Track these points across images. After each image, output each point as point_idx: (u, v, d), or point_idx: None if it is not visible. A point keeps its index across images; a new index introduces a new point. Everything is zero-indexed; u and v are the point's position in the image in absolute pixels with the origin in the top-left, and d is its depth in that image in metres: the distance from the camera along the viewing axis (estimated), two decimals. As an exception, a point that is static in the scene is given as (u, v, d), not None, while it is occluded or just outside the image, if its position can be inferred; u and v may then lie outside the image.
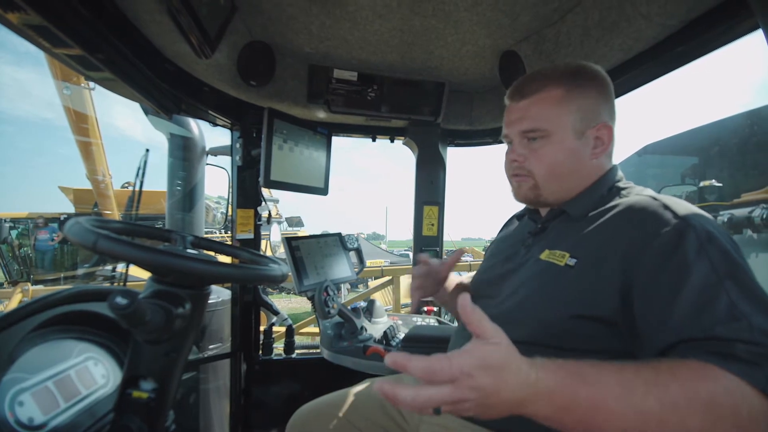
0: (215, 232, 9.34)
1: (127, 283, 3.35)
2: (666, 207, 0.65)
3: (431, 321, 1.62)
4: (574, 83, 0.79)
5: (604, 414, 0.50)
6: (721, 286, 0.55)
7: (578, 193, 0.82)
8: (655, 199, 0.69)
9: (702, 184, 3.90)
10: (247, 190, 1.65)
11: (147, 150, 3.14)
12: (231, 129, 1.64)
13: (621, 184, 0.80)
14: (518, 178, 0.84)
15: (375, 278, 5.74)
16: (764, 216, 3.01)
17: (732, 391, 0.48)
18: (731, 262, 0.57)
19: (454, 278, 1.19)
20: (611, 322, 0.65)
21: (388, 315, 1.65)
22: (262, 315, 1.84)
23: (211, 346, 1.78)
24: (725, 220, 3.32)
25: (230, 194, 1.81)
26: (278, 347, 1.89)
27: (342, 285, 1.66)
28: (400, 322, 1.56)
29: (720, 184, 3.78)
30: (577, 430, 0.52)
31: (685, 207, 0.65)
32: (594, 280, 0.67)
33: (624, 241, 0.66)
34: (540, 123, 0.79)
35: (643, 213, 0.67)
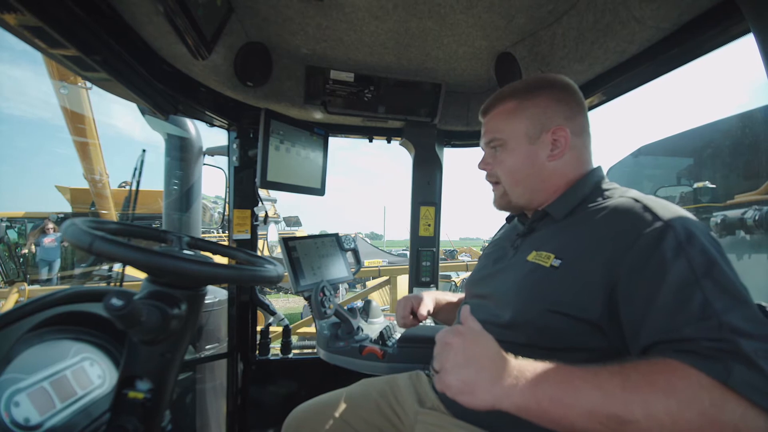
0: (213, 232, 9.32)
1: (124, 283, 3.34)
2: (647, 209, 0.67)
3: (428, 321, 1.62)
4: (526, 93, 0.86)
5: (572, 390, 0.54)
6: (697, 284, 0.56)
7: (557, 194, 0.84)
8: (637, 201, 0.70)
9: (696, 185, 3.92)
10: (244, 191, 1.65)
11: (144, 150, 3.14)
12: (228, 129, 1.65)
13: (604, 185, 0.82)
14: (494, 186, 0.94)
15: (373, 278, 5.75)
16: (756, 217, 3.02)
17: (691, 381, 0.51)
18: (710, 260, 0.58)
19: (441, 297, 1.21)
20: (597, 324, 0.66)
21: (385, 315, 1.65)
22: (260, 315, 1.84)
23: (207, 346, 1.78)
24: (718, 221, 3.33)
25: (227, 194, 1.81)
26: (275, 347, 1.89)
27: (340, 285, 1.67)
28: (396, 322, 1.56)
29: (713, 186, 3.80)
30: (547, 411, 0.55)
31: (666, 209, 0.66)
32: (578, 281, 0.68)
33: (607, 243, 0.67)
34: (496, 133, 0.89)
35: (625, 215, 0.68)
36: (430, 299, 1.16)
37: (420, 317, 1.13)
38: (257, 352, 1.78)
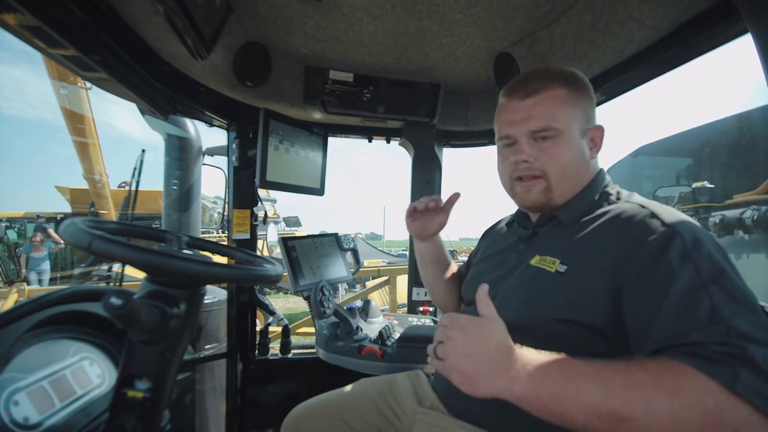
0: (212, 232, 9.33)
1: (124, 283, 3.34)
2: (654, 215, 0.67)
3: (426, 321, 1.63)
4: (574, 84, 0.80)
5: (574, 386, 0.54)
6: (704, 290, 0.56)
7: (571, 197, 0.83)
8: (643, 206, 0.70)
9: (695, 185, 3.93)
10: (244, 191, 1.65)
11: (143, 150, 3.15)
12: (227, 129, 1.65)
13: (609, 190, 0.82)
14: (526, 182, 0.82)
15: (373, 278, 5.76)
16: (755, 217, 3.03)
17: (697, 384, 0.51)
18: (717, 266, 0.58)
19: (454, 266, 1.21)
20: (601, 330, 0.66)
21: (384, 315, 1.65)
22: (260, 315, 1.84)
23: (207, 346, 1.78)
24: (717, 221, 3.34)
25: (227, 194, 1.82)
26: (275, 347, 1.90)
27: (339, 285, 1.67)
28: (395, 321, 1.56)
29: (712, 186, 3.81)
30: (546, 405, 0.56)
31: (672, 214, 0.66)
32: (584, 287, 0.68)
33: (613, 250, 0.67)
34: (551, 121, 0.77)
35: (632, 221, 0.68)
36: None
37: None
38: (256, 352, 1.78)
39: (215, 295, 1.84)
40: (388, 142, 1.88)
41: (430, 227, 1.10)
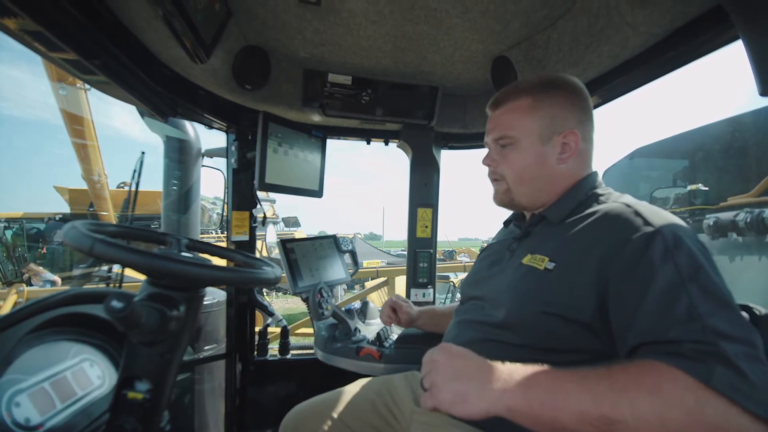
0: (211, 233, 9.32)
1: (124, 284, 3.35)
2: (638, 214, 0.68)
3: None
4: (543, 92, 0.84)
5: (563, 393, 0.56)
6: (683, 288, 0.58)
7: (556, 198, 0.85)
8: (628, 206, 0.72)
9: (689, 187, 3.95)
10: (243, 193, 1.66)
11: (143, 152, 3.16)
12: (226, 132, 1.66)
13: (599, 191, 0.83)
14: (495, 182, 0.92)
15: (372, 279, 5.77)
16: (748, 220, 3.04)
17: (677, 383, 0.52)
18: (696, 265, 0.60)
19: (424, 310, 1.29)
20: (589, 325, 0.68)
21: (382, 316, 1.66)
22: (259, 315, 1.85)
23: (206, 347, 1.78)
24: (711, 223, 3.35)
25: (226, 196, 1.83)
26: (273, 348, 1.90)
27: (338, 286, 1.67)
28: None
29: (707, 188, 3.82)
30: (538, 414, 0.56)
31: (656, 214, 0.68)
32: (571, 284, 0.70)
33: (599, 247, 0.69)
34: (508, 131, 0.86)
35: (617, 220, 0.70)
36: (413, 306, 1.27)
37: (401, 317, 1.23)
38: (255, 352, 1.79)
39: (214, 296, 1.85)
40: (387, 144, 1.89)
41: (405, 318, 1.25)
